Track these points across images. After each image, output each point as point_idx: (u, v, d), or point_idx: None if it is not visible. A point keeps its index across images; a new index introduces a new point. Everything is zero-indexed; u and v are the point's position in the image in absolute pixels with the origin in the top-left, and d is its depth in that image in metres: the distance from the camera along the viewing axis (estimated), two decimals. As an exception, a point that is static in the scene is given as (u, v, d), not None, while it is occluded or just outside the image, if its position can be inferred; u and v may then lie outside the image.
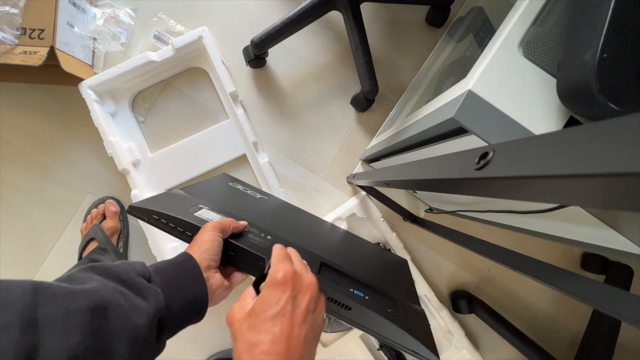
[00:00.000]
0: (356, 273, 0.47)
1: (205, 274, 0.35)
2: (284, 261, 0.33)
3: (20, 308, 0.23)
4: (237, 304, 0.31)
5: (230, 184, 0.68)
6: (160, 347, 0.33)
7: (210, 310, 0.36)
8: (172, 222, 0.41)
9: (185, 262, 0.35)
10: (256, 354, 0.26)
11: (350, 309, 0.38)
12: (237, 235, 0.41)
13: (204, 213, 0.44)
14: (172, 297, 0.33)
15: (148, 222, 0.41)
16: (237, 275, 0.41)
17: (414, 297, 0.53)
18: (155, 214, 0.41)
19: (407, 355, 0.78)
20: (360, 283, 0.46)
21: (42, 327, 0.24)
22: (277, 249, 0.35)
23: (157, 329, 0.32)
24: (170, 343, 0.35)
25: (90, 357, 0.25)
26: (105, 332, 0.27)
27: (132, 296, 0.30)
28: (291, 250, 0.37)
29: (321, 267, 0.44)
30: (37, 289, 0.25)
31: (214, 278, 0.36)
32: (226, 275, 0.40)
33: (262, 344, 0.26)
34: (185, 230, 0.41)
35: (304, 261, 0.36)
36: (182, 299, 0.33)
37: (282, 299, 0.29)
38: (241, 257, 0.40)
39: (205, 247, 0.36)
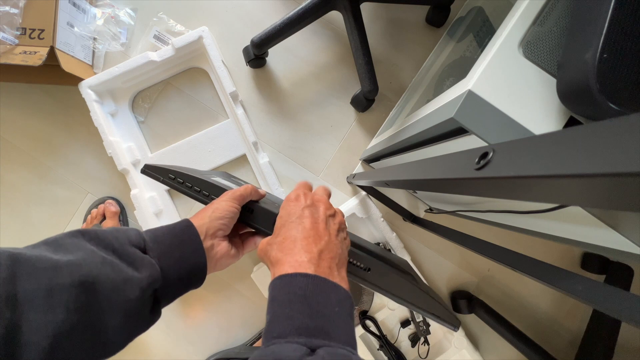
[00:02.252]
0: (368, 248, 0.47)
1: (211, 241, 0.35)
2: (297, 188, 0.36)
3: None
4: (263, 240, 0.34)
5: (233, 178, 0.68)
6: (155, 318, 0.31)
7: (210, 310, 0.36)
8: (189, 182, 0.41)
9: (184, 230, 0.34)
10: (290, 244, 0.29)
11: (369, 270, 0.38)
12: (256, 201, 0.42)
13: (219, 180, 0.44)
14: (169, 268, 0.31)
15: (163, 181, 0.41)
16: (250, 242, 0.41)
17: (422, 281, 0.53)
18: (172, 173, 0.41)
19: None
20: (374, 254, 0.45)
21: (22, 303, 0.22)
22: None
23: (151, 300, 0.30)
24: (170, 343, 0.35)
25: (78, 333, 0.24)
26: (94, 308, 0.25)
27: (124, 267, 0.28)
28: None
29: None
30: (15, 261, 0.23)
31: (220, 246, 0.36)
32: (236, 242, 0.40)
33: (292, 236, 0.29)
34: (203, 189, 0.40)
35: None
36: (179, 269, 0.32)
37: (299, 207, 0.32)
38: (260, 215, 0.40)
39: (218, 215, 0.36)
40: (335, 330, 0.24)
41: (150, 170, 0.41)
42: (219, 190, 0.40)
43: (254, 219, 0.40)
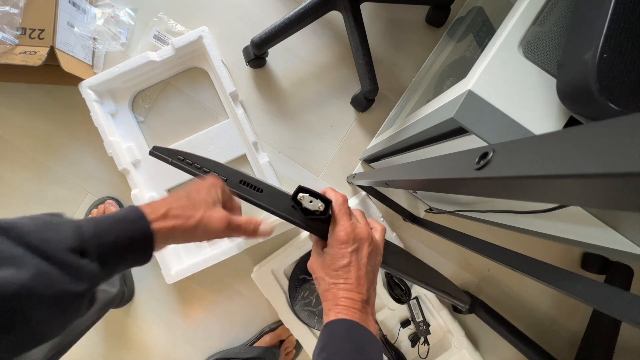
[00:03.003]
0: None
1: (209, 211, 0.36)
2: (343, 217, 0.37)
3: None
4: (314, 257, 0.39)
5: None
6: (90, 306, 0.30)
7: (210, 310, 0.37)
8: (199, 162, 0.41)
9: (127, 214, 0.32)
10: (336, 290, 0.34)
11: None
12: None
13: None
14: (110, 263, 0.29)
15: (171, 163, 0.41)
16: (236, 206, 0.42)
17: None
18: (181, 154, 0.41)
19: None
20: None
21: None
22: (339, 201, 0.38)
23: (90, 295, 0.29)
24: (170, 343, 0.35)
25: (5, 350, 0.23)
26: (25, 325, 0.24)
27: (60, 279, 0.25)
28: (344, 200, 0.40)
29: None
30: None
31: (217, 212, 0.36)
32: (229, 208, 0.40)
33: (338, 284, 0.35)
34: (212, 170, 0.41)
35: (359, 210, 0.41)
36: (122, 260, 0.30)
37: (346, 255, 0.35)
38: (271, 197, 0.39)
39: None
40: None
41: (158, 152, 0.41)
42: (228, 170, 0.40)
43: (264, 199, 0.39)
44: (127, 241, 0.30)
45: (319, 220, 0.38)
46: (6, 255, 0.24)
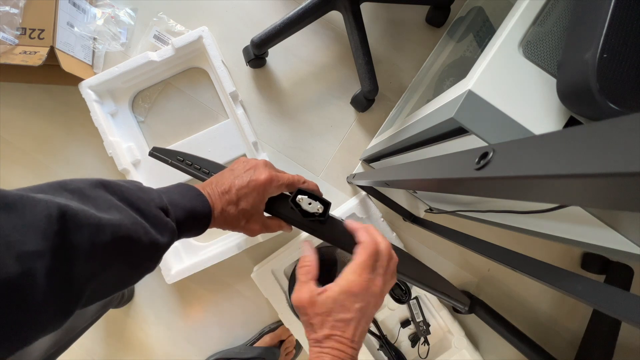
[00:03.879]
0: None
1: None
2: (365, 270, 0.33)
3: (50, 236, 0.23)
4: (304, 290, 0.34)
5: None
6: (158, 264, 0.35)
7: (210, 310, 0.38)
8: (198, 163, 0.41)
9: (195, 196, 0.37)
10: (329, 341, 0.31)
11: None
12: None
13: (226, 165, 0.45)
14: (183, 224, 0.35)
15: (171, 163, 0.42)
16: (275, 225, 0.43)
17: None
18: (180, 155, 0.42)
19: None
20: None
21: (70, 255, 0.24)
22: (368, 248, 0.35)
23: (166, 250, 0.34)
24: (170, 343, 0.36)
25: (109, 282, 0.28)
26: (125, 263, 0.28)
27: (151, 230, 0.30)
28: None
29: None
30: (63, 214, 0.24)
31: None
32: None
33: (333, 336, 0.31)
34: (211, 171, 0.41)
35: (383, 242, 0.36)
36: (190, 225, 0.36)
37: (352, 310, 0.32)
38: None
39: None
40: None
41: (158, 153, 0.42)
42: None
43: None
44: (191, 214, 0.36)
45: (318, 222, 0.38)
46: (110, 204, 0.28)
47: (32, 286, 0.22)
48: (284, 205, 0.39)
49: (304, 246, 0.37)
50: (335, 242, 0.39)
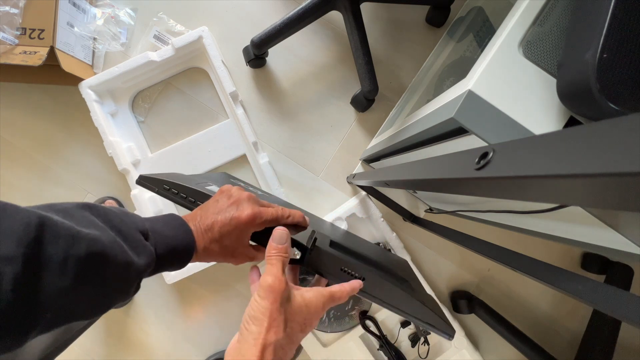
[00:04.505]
0: (364, 253, 0.47)
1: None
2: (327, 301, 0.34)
3: (24, 242, 0.23)
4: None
5: (232, 180, 0.68)
6: (135, 293, 0.34)
7: (210, 310, 0.37)
8: (184, 192, 0.41)
9: (173, 220, 0.37)
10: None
11: (364, 279, 0.38)
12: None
13: (214, 189, 0.44)
14: (161, 252, 0.34)
15: (158, 192, 0.41)
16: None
17: (420, 287, 0.53)
18: (167, 184, 0.41)
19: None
20: (370, 260, 0.45)
21: (42, 264, 0.24)
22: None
23: (141, 277, 0.33)
24: (170, 343, 0.36)
25: (80, 299, 0.27)
26: (98, 280, 0.28)
27: (127, 250, 0.30)
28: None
29: (331, 244, 0.43)
30: (42, 224, 0.24)
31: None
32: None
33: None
34: (197, 200, 0.41)
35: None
36: (171, 253, 0.35)
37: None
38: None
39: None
40: None
41: (145, 181, 0.42)
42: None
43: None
44: (172, 249, 0.35)
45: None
46: (91, 223, 0.29)
47: None
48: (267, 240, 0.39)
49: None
50: (319, 273, 0.39)
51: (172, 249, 0.35)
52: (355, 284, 0.37)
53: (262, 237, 0.39)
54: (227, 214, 0.38)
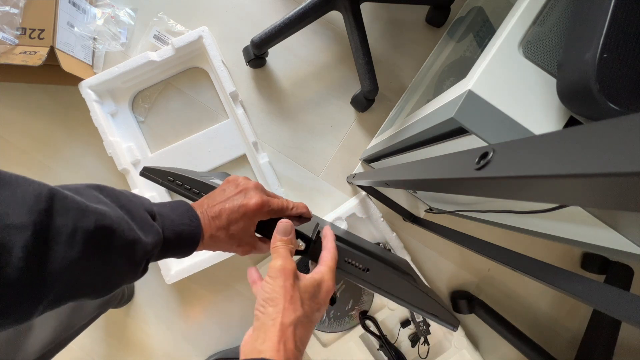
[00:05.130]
0: (367, 248, 0.46)
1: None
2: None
3: (35, 211, 0.23)
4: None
5: None
6: (143, 274, 0.34)
7: (210, 310, 0.37)
8: (188, 184, 0.41)
9: (181, 206, 0.37)
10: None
11: (368, 270, 0.38)
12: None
13: (217, 182, 0.45)
14: (168, 237, 0.34)
15: (162, 184, 0.41)
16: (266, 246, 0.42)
17: (422, 282, 0.53)
18: (171, 175, 0.41)
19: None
20: (373, 254, 0.45)
21: (51, 235, 0.24)
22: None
23: (146, 259, 0.33)
24: (170, 343, 0.35)
25: (88, 271, 0.27)
26: (106, 254, 0.28)
27: (135, 228, 0.30)
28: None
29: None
30: (52, 196, 0.25)
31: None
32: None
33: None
34: (201, 191, 0.41)
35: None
36: (177, 238, 0.35)
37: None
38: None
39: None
40: None
41: (148, 173, 0.42)
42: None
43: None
44: (179, 233, 0.35)
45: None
46: (100, 200, 0.29)
47: (7, 260, 0.22)
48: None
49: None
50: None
51: (179, 232, 0.35)
52: (328, 231, 0.38)
53: (266, 228, 0.40)
54: (235, 201, 0.38)
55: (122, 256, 0.29)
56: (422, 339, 0.77)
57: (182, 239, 0.35)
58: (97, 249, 0.27)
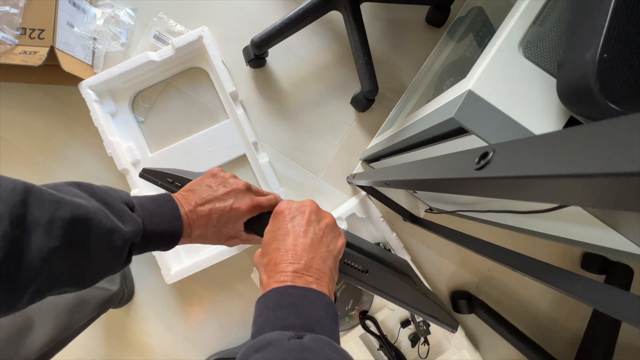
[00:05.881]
0: (367, 249, 0.47)
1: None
2: (281, 202, 0.38)
3: (11, 203, 0.24)
4: (257, 251, 0.37)
5: None
6: (126, 264, 0.35)
7: (210, 310, 0.37)
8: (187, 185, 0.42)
9: (166, 202, 0.38)
10: (273, 267, 0.32)
11: (367, 272, 0.38)
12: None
13: None
14: (149, 229, 0.35)
15: (161, 185, 0.42)
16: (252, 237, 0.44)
17: (422, 283, 0.53)
18: (170, 177, 0.42)
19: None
20: (373, 255, 0.45)
21: (29, 225, 0.25)
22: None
23: (128, 249, 0.34)
24: (170, 343, 0.36)
25: (66, 261, 0.27)
26: (84, 244, 0.28)
27: (113, 218, 0.31)
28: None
29: None
30: (28, 189, 0.26)
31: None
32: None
33: (275, 258, 0.32)
34: None
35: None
36: (158, 232, 0.36)
37: (283, 224, 0.34)
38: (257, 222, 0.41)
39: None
40: (321, 329, 0.27)
41: (148, 174, 0.42)
42: None
43: (254, 226, 0.41)
44: (158, 223, 0.36)
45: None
46: (77, 195, 0.30)
47: None
48: (263, 226, 0.40)
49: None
50: None
51: (158, 222, 0.36)
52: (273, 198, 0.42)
53: (255, 227, 0.41)
54: (226, 203, 0.39)
55: (101, 244, 0.30)
56: (422, 339, 0.77)
57: (162, 229, 0.36)
58: (76, 238, 0.27)
